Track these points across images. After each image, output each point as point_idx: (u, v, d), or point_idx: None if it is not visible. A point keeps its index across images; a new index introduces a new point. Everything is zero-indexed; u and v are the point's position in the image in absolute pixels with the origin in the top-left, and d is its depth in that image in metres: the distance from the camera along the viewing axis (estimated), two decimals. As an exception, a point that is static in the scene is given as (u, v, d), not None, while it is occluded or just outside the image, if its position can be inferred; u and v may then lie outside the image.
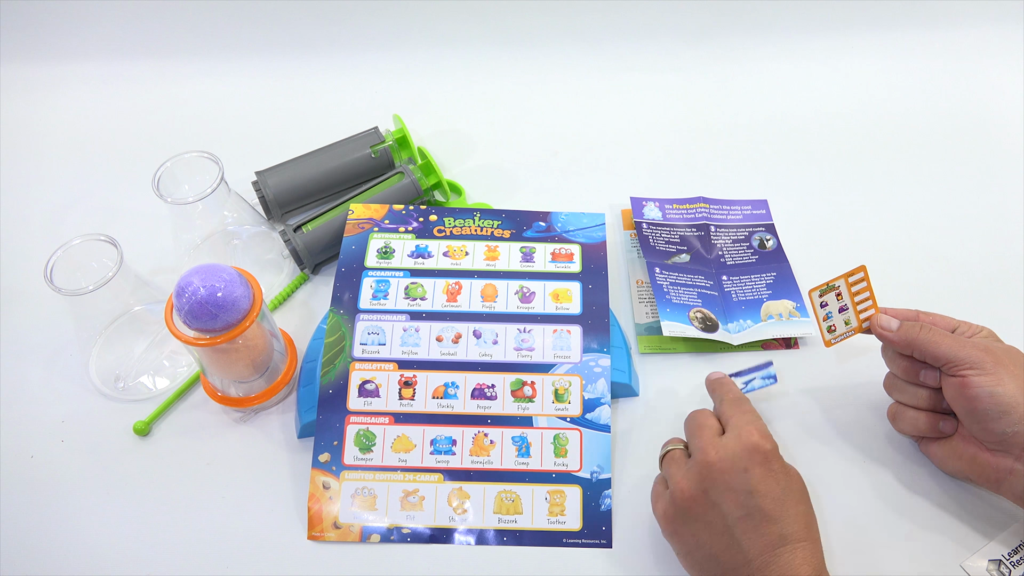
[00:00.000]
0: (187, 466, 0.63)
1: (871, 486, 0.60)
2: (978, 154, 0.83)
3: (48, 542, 0.59)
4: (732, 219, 0.77)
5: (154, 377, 0.68)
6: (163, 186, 0.66)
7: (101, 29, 0.94)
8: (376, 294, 0.67)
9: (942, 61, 0.91)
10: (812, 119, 0.87)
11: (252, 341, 0.60)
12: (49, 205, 0.82)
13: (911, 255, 0.74)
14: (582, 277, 0.68)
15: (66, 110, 0.91)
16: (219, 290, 0.56)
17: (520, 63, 0.94)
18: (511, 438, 0.61)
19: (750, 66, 0.93)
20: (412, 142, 0.78)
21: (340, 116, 0.87)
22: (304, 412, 0.63)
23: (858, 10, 0.94)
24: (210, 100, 0.91)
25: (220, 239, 0.73)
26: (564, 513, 0.59)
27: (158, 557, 0.58)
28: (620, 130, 0.87)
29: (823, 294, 0.60)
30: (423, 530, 0.59)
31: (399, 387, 0.63)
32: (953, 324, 0.57)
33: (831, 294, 0.60)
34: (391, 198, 0.75)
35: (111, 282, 0.61)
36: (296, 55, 0.94)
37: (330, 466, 0.60)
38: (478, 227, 0.71)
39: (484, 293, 0.67)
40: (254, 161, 0.79)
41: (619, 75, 0.93)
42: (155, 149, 0.74)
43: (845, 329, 0.59)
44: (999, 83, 0.89)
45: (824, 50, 0.93)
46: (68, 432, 0.65)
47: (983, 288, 0.71)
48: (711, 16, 0.94)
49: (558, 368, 0.63)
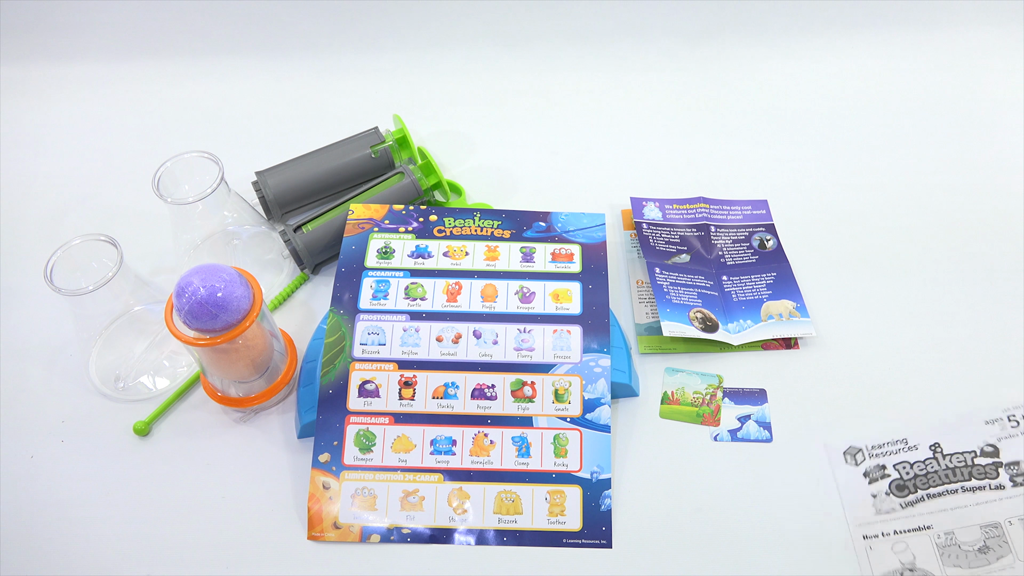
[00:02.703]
0: (187, 466, 0.63)
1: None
2: (978, 154, 0.83)
3: (48, 542, 0.59)
4: (732, 219, 0.77)
5: (154, 377, 0.68)
6: (163, 186, 0.66)
7: (101, 29, 0.94)
8: (376, 294, 0.67)
9: (942, 61, 0.91)
10: (812, 119, 0.87)
11: (252, 341, 0.60)
12: (49, 205, 0.82)
13: (911, 255, 0.74)
14: (582, 277, 0.68)
15: (66, 110, 0.91)
16: (219, 290, 0.56)
17: (520, 63, 0.94)
18: (511, 438, 0.61)
19: (750, 66, 0.93)
20: (412, 142, 0.78)
21: (340, 116, 0.87)
22: (304, 412, 0.63)
23: (858, 10, 0.94)
24: (210, 100, 0.91)
25: (220, 239, 0.73)
26: (564, 513, 0.59)
27: (158, 557, 0.58)
28: (620, 130, 0.87)
29: None
30: (423, 530, 0.59)
31: (399, 387, 0.63)
32: None
33: None
34: (391, 198, 0.75)
35: (111, 282, 0.61)
36: (296, 55, 0.95)
37: (330, 466, 0.60)
38: (478, 227, 0.71)
39: (484, 293, 0.67)
40: (254, 161, 0.79)
41: (619, 75, 0.93)
42: (155, 149, 0.74)
43: None
44: (999, 83, 0.89)
45: (824, 50, 0.93)
46: (68, 432, 0.65)
47: (984, 288, 0.71)
48: (711, 16, 0.94)
49: (558, 368, 0.63)
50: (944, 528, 0.54)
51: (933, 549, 0.54)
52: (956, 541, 0.53)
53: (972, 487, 0.55)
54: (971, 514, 0.54)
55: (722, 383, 0.66)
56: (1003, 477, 0.55)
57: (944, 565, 0.53)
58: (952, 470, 0.57)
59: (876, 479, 0.56)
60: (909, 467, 0.57)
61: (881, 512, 0.56)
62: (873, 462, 0.56)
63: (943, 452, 0.57)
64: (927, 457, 0.58)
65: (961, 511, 0.55)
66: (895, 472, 0.57)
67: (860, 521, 0.56)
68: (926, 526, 0.55)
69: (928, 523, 0.54)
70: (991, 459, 0.56)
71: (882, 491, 0.57)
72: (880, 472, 0.56)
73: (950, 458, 0.57)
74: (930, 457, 0.57)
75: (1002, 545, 0.53)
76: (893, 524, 0.55)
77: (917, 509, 0.55)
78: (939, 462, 0.57)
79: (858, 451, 0.56)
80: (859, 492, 0.57)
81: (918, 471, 0.56)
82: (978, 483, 0.55)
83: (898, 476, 0.57)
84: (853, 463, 0.56)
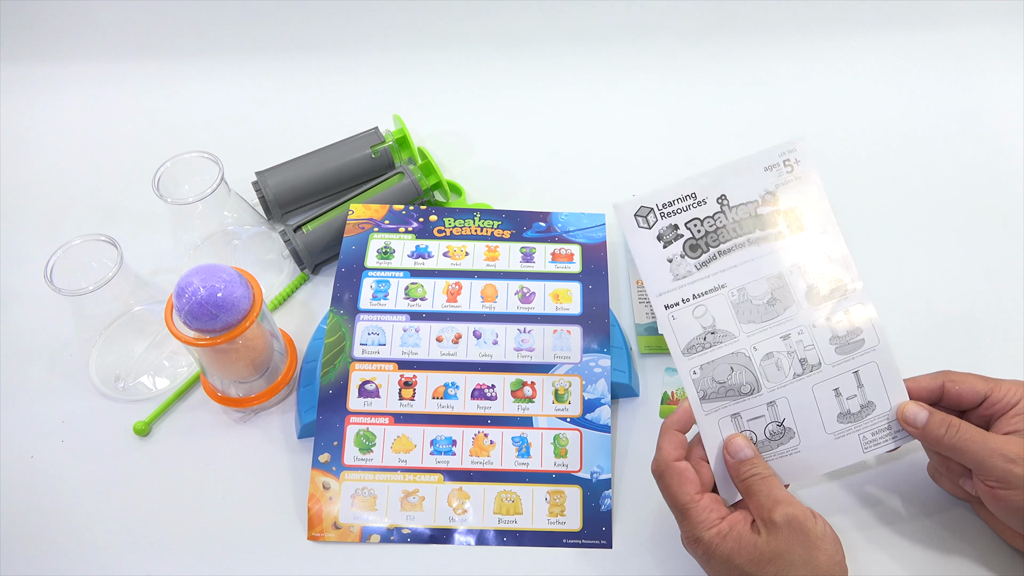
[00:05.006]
0: (187, 466, 0.63)
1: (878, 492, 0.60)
2: (978, 155, 0.82)
3: (48, 542, 0.59)
4: (732, 219, 0.77)
5: (154, 377, 0.68)
6: (163, 186, 0.66)
7: (101, 29, 0.94)
8: (376, 294, 0.67)
9: (942, 61, 0.91)
10: (812, 119, 0.87)
11: (252, 341, 0.60)
12: (49, 205, 0.82)
13: (912, 256, 0.74)
14: (582, 277, 0.68)
15: (66, 110, 0.91)
16: (219, 290, 0.56)
17: (520, 63, 0.94)
18: (511, 438, 0.61)
19: (750, 66, 0.92)
20: (412, 142, 0.78)
21: (340, 116, 0.87)
22: (304, 412, 0.63)
23: (858, 10, 0.94)
24: (210, 100, 0.91)
25: (220, 239, 0.73)
26: (564, 513, 0.59)
27: (158, 557, 0.58)
28: (620, 130, 0.87)
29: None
30: (423, 530, 0.59)
31: (399, 387, 0.63)
32: (983, 390, 0.53)
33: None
34: (391, 198, 0.75)
35: (111, 282, 0.61)
36: (296, 55, 0.94)
37: (330, 466, 0.60)
38: (478, 227, 0.71)
39: (484, 293, 0.67)
40: (254, 161, 0.79)
41: (619, 75, 0.93)
42: (155, 149, 0.74)
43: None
44: (999, 83, 0.89)
45: (824, 50, 0.93)
46: (68, 432, 0.65)
47: (984, 289, 0.71)
48: (711, 16, 0.94)
49: (558, 368, 0.63)
50: (736, 284, 0.54)
51: (729, 308, 0.54)
52: (748, 297, 0.54)
53: (756, 238, 0.54)
54: (758, 267, 0.54)
55: (722, 383, 0.66)
56: (781, 225, 0.54)
57: (740, 323, 0.53)
58: (739, 223, 0.54)
59: (670, 241, 0.54)
60: (700, 224, 0.54)
61: (679, 277, 0.54)
62: (665, 222, 0.54)
63: (729, 204, 0.55)
64: (716, 211, 0.55)
65: (749, 265, 0.54)
66: (687, 231, 0.54)
67: (660, 291, 0.54)
68: (720, 285, 0.54)
69: (722, 282, 0.54)
70: (771, 207, 0.55)
71: (677, 254, 0.54)
72: (673, 233, 0.54)
73: (736, 210, 0.55)
74: (718, 211, 0.55)
75: (787, 295, 0.53)
76: (691, 288, 0.54)
77: (711, 268, 0.54)
78: (726, 215, 0.54)
79: (649, 211, 0.54)
80: (655, 258, 0.54)
81: (708, 227, 0.54)
82: (762, 233, 0.54)
83: (690, 235, 0.54)
84: (646, 226, 0.54)
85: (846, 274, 0.54)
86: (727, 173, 0.54)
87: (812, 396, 0.53)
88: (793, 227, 0.54)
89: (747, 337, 0.54)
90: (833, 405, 0.53)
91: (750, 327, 0.54)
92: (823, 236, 0.54)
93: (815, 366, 0.53)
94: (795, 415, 0.54)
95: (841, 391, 0.53)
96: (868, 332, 0.54)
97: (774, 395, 0.53)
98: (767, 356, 0.53)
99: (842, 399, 0.53)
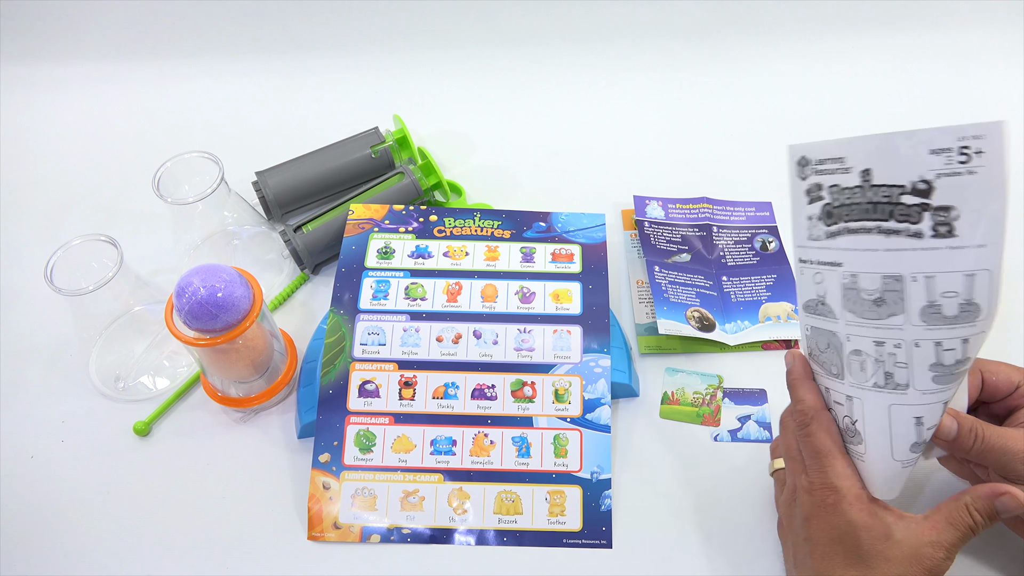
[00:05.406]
0: (187, 466, 0.63)
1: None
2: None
3: (48, 542, 0.59)
4: (735, 220, 0.77)
5: (154, 377, 0.68)
6: (163, 186, 0.66)
7: (101, 29, 0.94)
8: (376, 294, 0.67)
9: (942, 61, 0.91)
10: (812, 119, 0.87)
11: (252, 341, 0.60)
12: (49, 205, 0.82)
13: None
14: (582, 277, 0.68)
15: (66, 110, 0.91)
16: (219, 290, 0.56)
17: (520, 63, 0.94)
18: (511, 438, 0.61)
19: (751, 66, 0.93)
20: (412, 142, 0.78)
21: (340, 116, 0.87)
22: (304, 412, 0.63)
23: (858, 10, 0.94)
24: (210, 100, 0.91)
25: (220, 239, 0.73)
26: (564, 513, 0.59)
27: (158, 557, 0.58)
28: (620, 130, 0.87)
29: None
30: (423, 530, 0.59)
31: (399, 387, 0.63)
32: (1017, 379, 0.51)
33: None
34: (391, 198, 0.75)
35: (111, 282, 0.61)
36: (296, 55, 0.95)
37: (330, 466, 0.60)
38: (478, 227, 0.71)
39: (484, 293, 0.67)
40: (254, 161, 0.79)
41: (619, 75, 0.93)
42: (155, 149, 0.74)
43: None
44: (999, 83, 0.89)
45: (825, 50, 0.93)
46: (68, 432, 0.65)
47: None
48: (712, 16, 0.94)
49: (558, 368, 0.63)
50: (852, 268, 0.48)
51: (839, 288, 0.48)
52: (858, 286, 0.47)
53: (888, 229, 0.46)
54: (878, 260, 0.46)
55: (722, 383, 0.66)
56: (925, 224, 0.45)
57: (844, 309, 0.48)
58: (874, 205, 0.47)
59: (814, 200, 0.49)
60: (839, 193, 0.48)
61: (812, 238, 0.50)
62: (814, 180, 0.49)
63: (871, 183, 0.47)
64: (855, 185, 0.47)
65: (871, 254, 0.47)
66: (828, 195, 0.49)
67: (798, 243, 0.51)
68: (838, 263, 0.48)
69: (840, 260, 0.48)
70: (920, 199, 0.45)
71: (815, 215, 0.49)
72: (817, 193, 0.49)
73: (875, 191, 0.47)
74: (858, 186, 0.47)
75: (897, 302, 0.46)
76: (817, 254, 0.49)
77: (837, 242, 0.48)
78: (864, 193, 0.47)
79: (807, 163, 0.49)
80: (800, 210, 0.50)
81: (845, 199, 0.48)
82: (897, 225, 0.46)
83: (829, 201, 0.49)
84: (801, 176, 0.50)
85: (986, 300, 0.44)
86: (882, 145, 0.46)
87: (887, 416, 0.47)
88: (941, 230, 0.44)
89: (845, 325, 0.48)
90: (910, 432, 0.46)
91: (850, 316, 0.48)
92: (979, 250, 0.43)
93: (900, 386, 0.46)
94: (867, 424, 0.48)
95: (924, 420, 0.46)
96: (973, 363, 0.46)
97: (852, 392, 0.48)
98: (855, 352, 0.48)
99: (922, 428, 0.46)
